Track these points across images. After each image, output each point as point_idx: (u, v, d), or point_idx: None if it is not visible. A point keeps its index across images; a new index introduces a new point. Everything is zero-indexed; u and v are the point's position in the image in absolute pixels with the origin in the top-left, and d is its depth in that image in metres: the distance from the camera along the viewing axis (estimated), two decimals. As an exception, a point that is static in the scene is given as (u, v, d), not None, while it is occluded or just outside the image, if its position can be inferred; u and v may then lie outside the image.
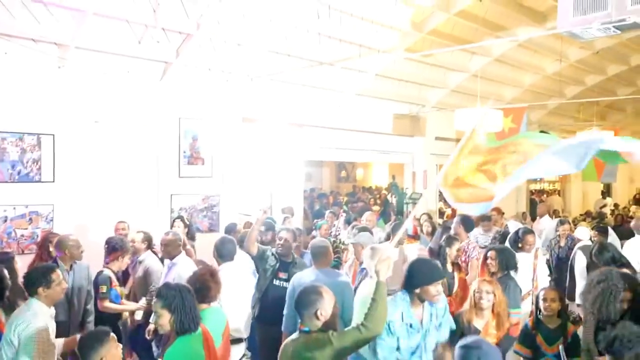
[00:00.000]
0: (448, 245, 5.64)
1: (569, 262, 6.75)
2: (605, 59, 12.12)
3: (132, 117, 7.59)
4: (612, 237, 7.60)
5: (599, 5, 4.84)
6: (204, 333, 3.44)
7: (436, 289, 3.50)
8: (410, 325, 3.49)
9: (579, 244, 6.80)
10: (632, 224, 7.44)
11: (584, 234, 7.24)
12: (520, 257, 5.56)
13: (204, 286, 3.84)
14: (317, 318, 3.04)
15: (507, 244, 6.23)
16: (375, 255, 4.61)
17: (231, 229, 6.76)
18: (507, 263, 5.02)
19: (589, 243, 6.84)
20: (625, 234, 8.18)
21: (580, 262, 6.37)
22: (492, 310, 4.01)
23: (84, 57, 6.96)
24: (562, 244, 7.49)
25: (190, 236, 6.93)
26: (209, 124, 8.42)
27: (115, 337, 3.18)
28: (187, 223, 7.00)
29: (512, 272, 5.07)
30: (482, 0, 7.99)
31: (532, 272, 5.82)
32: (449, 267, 5.58)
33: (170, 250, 5.30)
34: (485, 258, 5.20)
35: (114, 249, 5.35)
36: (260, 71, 8.53)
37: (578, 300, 5.88)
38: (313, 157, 11.24)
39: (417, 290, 3.51)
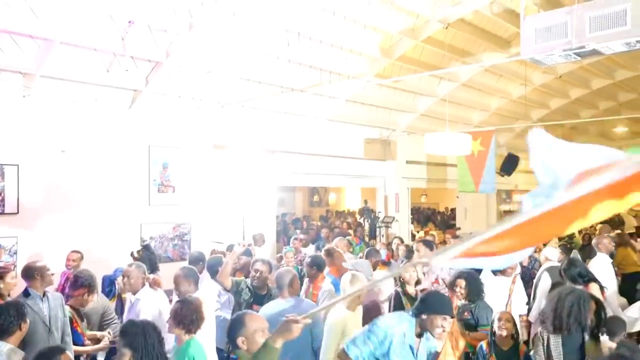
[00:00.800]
0: (405, 270, 5.59)
1: (534, 283, 6.79)
2: (568, 83, 12.49)
3: (100, 145, 7.48)
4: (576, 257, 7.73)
5: (559, 33, 5.00)
6: None
7: (442, 323, 3.45)
8: (410, 347, 3.47)
9: (545, 265, 6.84)
10: (594, 242, 7.54)
11: (553, 254, 7.29)
12: (498, 280, 5.58)
13: (186, 315, 3.72)
14: (240, 346, 2.96)
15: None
16: (355, 282, 4.59)
17: (198, 258, 6.43)
18: (476, 291, 5.02)
19: (557, 264, 6.93)
20: (593, 253, 8.31)
21: (544, 282, 6.43)
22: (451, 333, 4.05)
23: (50, 85, 6.86)
24: (525, 263, 7.58)
25: (152, 267, 6.30)
26: (179, 151, 8.35)
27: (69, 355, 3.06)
28: (152, 252, 6.72)
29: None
30: (447, 27, 8.17)
31: (507, 296, 5.82)
32: (410, 290, 5.48)
33: (133, 283, 4.93)
34: (453, 284, 5.16)
35: (81, 284, 4.91)
36: (231, 98, 8.53)
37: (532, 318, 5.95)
38: (285, 182, 11.22)
39: (424, 317, 3.47)
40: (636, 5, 4.54)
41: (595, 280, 5.51)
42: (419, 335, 3.52)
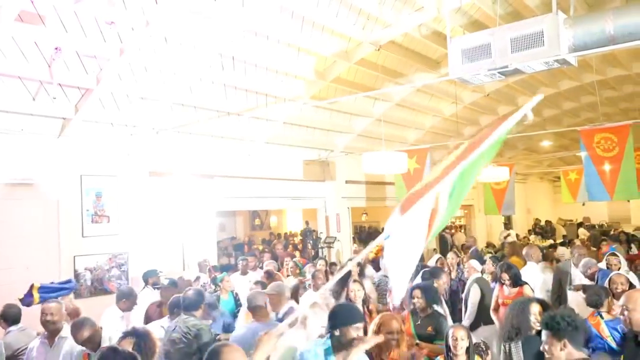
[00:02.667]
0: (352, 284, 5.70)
1: (464, 294, 7.03)
2: (495, 100, 13.04)
3: (28, 176, 7.16)
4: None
5: (484, 53, 5.24)
6: None
7: (355, 333, 3.46)
8: None
9: (473, 276, 7.10)
10: (524, 252, 7.93)
11: (477, 265, 7.58)
12: None
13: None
14: None
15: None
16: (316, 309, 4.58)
17: (124, 294, 6.15)
18: (432, 299, 5.24)
19: (483, 275, 7.31)
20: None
21: (475, 293, 6.69)
22: (398, 345, 4.10)
23: (-29, 116, 6.54)
24: (453, 275, 7.84)
25: None
26: (113, 180, 8.10)
27: None
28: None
29: (437, 306, 5.31)
30: (379, 50, 8.39)
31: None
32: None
33: (57, 320, 4.66)
34: (411, 296, 5.32)
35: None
36: (166, 124, 8.38)
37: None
38: (225, 207, 11.08)
39: (337, 333, 3.46)
40: (551, 26, 4.83)
41: (526, 284, 6.12)
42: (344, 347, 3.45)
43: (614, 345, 4.46)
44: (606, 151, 8.94)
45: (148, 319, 5.81)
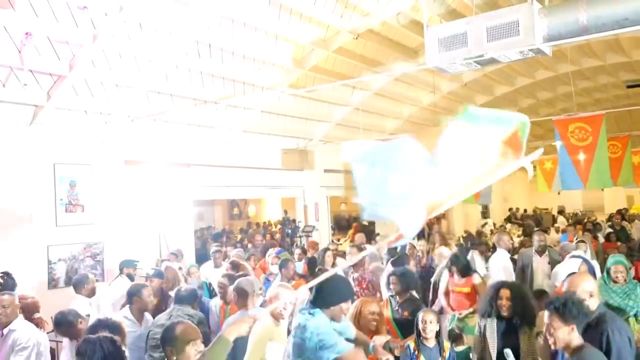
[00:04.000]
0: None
1: (434, 280, 7.16)
2: (472, 90, 13.13)
3: (-1, 165, 7.02)
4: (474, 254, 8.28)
5: (460, 42, 5.25)
6: None
7: (347, 307, 3.52)
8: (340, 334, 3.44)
9: (443, 262, 7.24)
10: (495, 239, 8.11)
11: (447, 252, 7.73)
12: None
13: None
14: (168, 355, 3.00)
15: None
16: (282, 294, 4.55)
17: (81, 281, 6.09)
18: (408, 284, 5.36)
19: None
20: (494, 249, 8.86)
21: (445, 279, 6.82)
22: (377, 328, 4.15)
23: (-61, 102, 6.36)
24: (424, 262, 7.97)
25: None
26: (88, 168, 7.98)
27: None
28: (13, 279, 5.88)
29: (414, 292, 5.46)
30: (357, 38, 8.36)
31: None
32: None
33: (9, 313, 4.55)
34: (388, 281, 5.53)
35: None
36: (141, 112, 8.27)
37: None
38: (203, 196, 11.00)
39: (330, 309, 3.43)
40: (527, 16, 4.85)
41: (476, 271, 6.55)
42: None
43: None
44: (580, 140, 9.06)
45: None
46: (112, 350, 3.23)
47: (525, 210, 22.11)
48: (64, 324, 4.36)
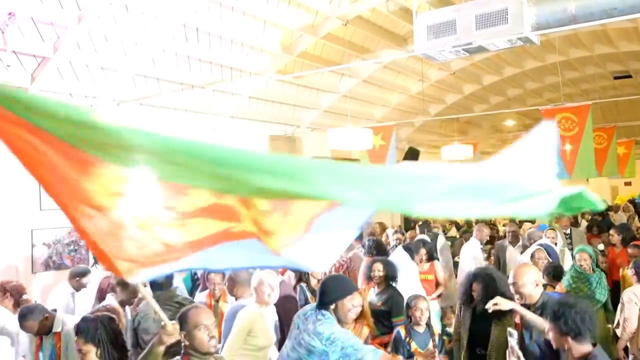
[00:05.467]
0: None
1: None
2: (461, 79, 13.15)
3: (-19, 148, 6.90)
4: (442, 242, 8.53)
5: (448, 29, 5.25)
6: None
7: (351, 303, 3.45)
8: None
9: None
10: (475, 228, 8.26)
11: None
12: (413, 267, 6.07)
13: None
14: (181, 341, 2.96)
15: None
16: (261, 283, 4.54)
17: (80, 273, 6.04)
18: (391, 275, 5.26)
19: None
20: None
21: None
22: (361, 317, 4.16)
23: None
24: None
25: None
26: (72, 152, 7.88)
27: None
28: None
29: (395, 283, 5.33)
30: (346, 24, 8.32)
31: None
32: (314, 284, 5.57)
33: None
34: (370, 269, 5.42)
35: None
36: (127, 96, 8.17)
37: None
38: (189, 182, 10.94)
39: (332, 307, 3.42)
40: (515, 4, 4.85)
41: (437, 259, 7.07)
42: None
43: None
44: (566, 130, 9.12)
45: (102, 294, 5.70)
46: (113, 327, 3.33)
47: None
48: (29, 319, 4.21)
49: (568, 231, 9.05)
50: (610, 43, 11.34)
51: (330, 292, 3.48)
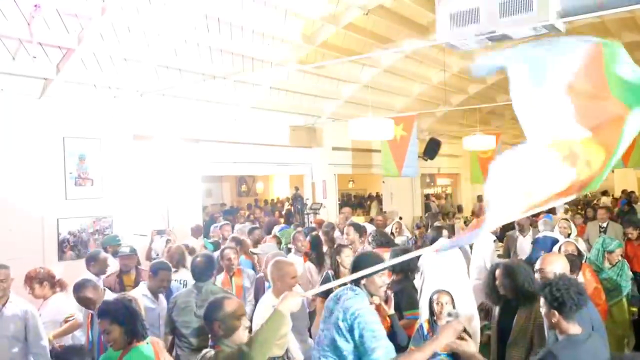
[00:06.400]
0: (337, 254, 5.66)
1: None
2: (483, 68, 12.96)
3: (8, 138, 7.04)
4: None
5: (472, 17, 5.18)
6: (153, 344, 3.48)
7: (382, 280, 3.44)
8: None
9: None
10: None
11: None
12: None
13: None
14: (215, 331, 2.96)
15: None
16: (280, 266, 4.58)
17: (92, 257, 6.12)
18: (407, 267, 5.13)
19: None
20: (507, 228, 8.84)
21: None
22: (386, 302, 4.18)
23: (-51, 74, 6.38)
24: (420, 243, 8.10)
25: None
26: (97, 142, 8.00)
27: None
28: None
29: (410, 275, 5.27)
30: (367, 14, 8.26)
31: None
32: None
33: (5, 287, 4.56)
34: None
35: None
36: (150, 86, 8.25)
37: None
38: (211, 172, 11.03)
39: (363, 282, 3.38)
40: (541, -9, 4.76)
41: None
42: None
43: None
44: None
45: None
46: (134, 308, 3.51)
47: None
48: (83, 291, 4.50)
49: (605, 224, 8.97)
50: (639, 30, 11.08)
51: (361, 267, 3.39)
